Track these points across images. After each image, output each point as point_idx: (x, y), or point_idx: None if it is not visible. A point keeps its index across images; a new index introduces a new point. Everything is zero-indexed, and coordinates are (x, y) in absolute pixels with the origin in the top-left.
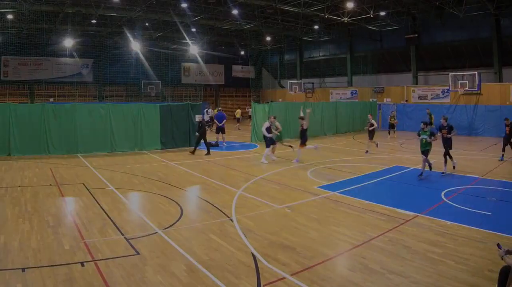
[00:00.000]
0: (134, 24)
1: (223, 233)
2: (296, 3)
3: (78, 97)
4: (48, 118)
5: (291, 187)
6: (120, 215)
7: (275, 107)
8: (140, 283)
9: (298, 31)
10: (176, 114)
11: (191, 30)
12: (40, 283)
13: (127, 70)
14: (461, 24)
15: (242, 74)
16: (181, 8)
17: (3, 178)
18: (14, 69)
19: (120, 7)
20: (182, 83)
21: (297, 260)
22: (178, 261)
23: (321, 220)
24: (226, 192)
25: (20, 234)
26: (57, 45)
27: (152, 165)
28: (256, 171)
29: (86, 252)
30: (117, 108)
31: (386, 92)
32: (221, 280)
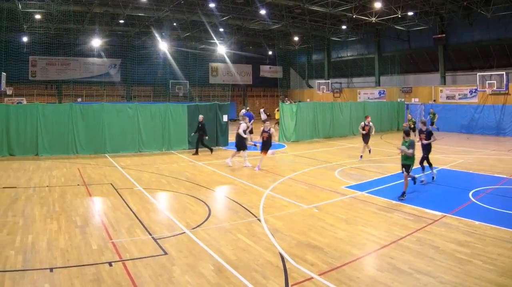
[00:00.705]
0: (162, 24)
1: (251, 233)
2: (324, 3)
3: (106, 97)
4: (76, 119)
5: (318, 187)
6: (148, 215)
7: (302, 108)
8: (168, 283)
9: (326, 31)
10: (204, 114)
11: (218, 30)
12: (68, 283)
13: (155, 70)
14: (489, 24)
15: (270, 74)
16: (209, 8)
17: (31, 178)
18: (42, 69)
19: (148, 7)
20: (210, 83)
21: (325, 260)
22: (206, 261)
23: (349, 220)
24: (253, 192)
25: (48, 234)
26: (85, 45)
27: (180, 165)
28: (283, 170)
29: (114, 252)
30: (145, 108)
31: (414, 92)
32: (249, 280)
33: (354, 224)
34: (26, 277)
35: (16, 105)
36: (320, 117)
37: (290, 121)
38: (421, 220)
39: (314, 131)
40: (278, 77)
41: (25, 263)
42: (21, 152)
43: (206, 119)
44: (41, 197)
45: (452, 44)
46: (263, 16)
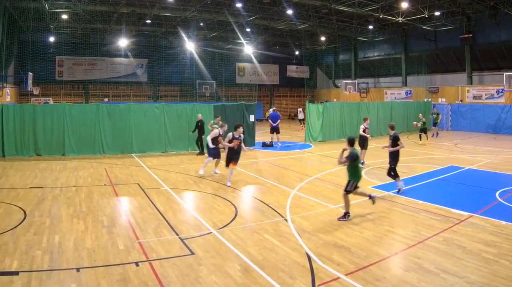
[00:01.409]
0: (189, 24)
1: (278, 233)
2: (351, 3)
3: (132, 97)
4: (103, 119)
5: None
6: (174, 215)
7: (329, 108)
8: (195, 283)
9: (352, 31)
10: (231, 114)
11: (245, 30)
12: (95, 283)
13: (182, 70)
14: None
15: (296, 74)
16: (236, 8)
17: (57, 178)
18: (68, 69)
19: (175, 7)
20: (237, 83)
21: (352, 260)
22: (232, 261)
23: (375, 220)
24: (280, 192)
25: (75, 234)
26: (111, 45)
27: (207, 165)
28: (310, 170)
29: (141, 252)
30: (172, 108)
31: (441, 92)
32: (276, 280)
33: (380, 224)
34: (53, 277)
35: (43, 105)
36: (347, 117)
37: (316, 121)
38: (447, 220)
39: (341, 131)
40: (304, 77)
41: (51, 263)
42: (48, 152)
43: (233, 119)
44: (67, 197)
45: (479, 44)
46: (290, 16)
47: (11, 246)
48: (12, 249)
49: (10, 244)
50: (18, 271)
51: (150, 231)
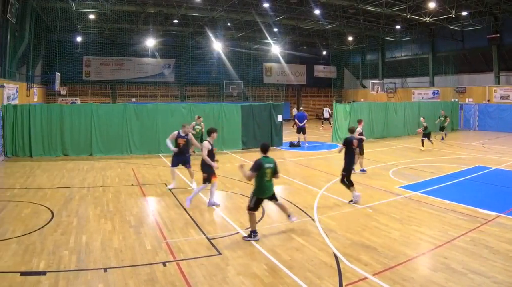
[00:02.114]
0: (216, 24)
1: (305, 233)
2: (378, 3)
3: (160, 97)
4: (130, 119)
5: (373, 187)
6: (202, 215)
7: (356, 108)
8: (222, 283)
9: (380, 31)
10: (258, 114)
11: (273, 30)
12: (122, 283)
13: (209, 70)
14: None
15: (324, 74)
16: (263, 8)
17: (85, 178)
18: (96, 69)
19: (202, 7)
20: (264, 83)
21: (379, 260)
22: (259, 261)
23: (402, 220)
24: (308, 192)
25: (102, 234)
26: (138, 45)
27: (233, 165)
28: (337, 170)
29: (168, 252)
30: (199, 108)
31: (468, 92)
32: (303, 280)
33: (408, 224)
34: (80, 277)
35: (70, 105)
36: (374, 117)
37: (343, 121)
38: (475, 220)
39: (368, 131)
40: (332, 77)
41: (79, 263)
42: (75, 152)
43: (260, 119)
44: (95, 197)
45: (506, 44)
46: (317, 16)
47: (39, 246)
48: (40, 249)
49: (38, 244)
50: (45, 271)
51: (177, 231)
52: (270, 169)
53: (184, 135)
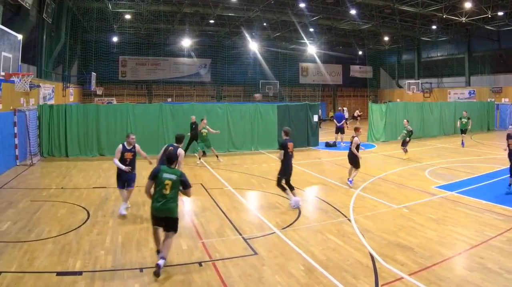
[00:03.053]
0: (252, 24)
1: (341, 233)
2: (414, 3)
3: (196, 97)
4: (166, 118)
5: (408, 187)
6: (238, 215)
7: (392, 108)
8: (258, 283)
9: (416, 31)
10: (294, 114)
11: (309, 30)
12: (158, 283)
13: (245, 70)
14: None
15: (359, 74)
16: (299, 8)
17: None
18: (132, 69)
19: (238, 7)
20: (300, 83)
21: (415, 260)
22: (295, 261)
23: (438, 220)
24: (343, 192)
25: (138, 234)
26: (174, 45)
27: (270, 165)
28: (373, 170)
29: (204, 252)
30: (235, 108)
31: (504, 92)
32: (339, 280)
33: (444, 224)
34: (116, 277)
35: (106, 105)
36: (410, 117)
37: (379, 122)
38: (511, 220)
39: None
40: (368, 77)
41: (115, 263)
42: (111, 152)
43: (297, 119)
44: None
45: None
46: (353, 16)
47: (75, 246)
48: (76, 249)
49: (74, 244)
50: (81, 271)
51: (213, 231)
52: (170, 180)
53: (131, 148)
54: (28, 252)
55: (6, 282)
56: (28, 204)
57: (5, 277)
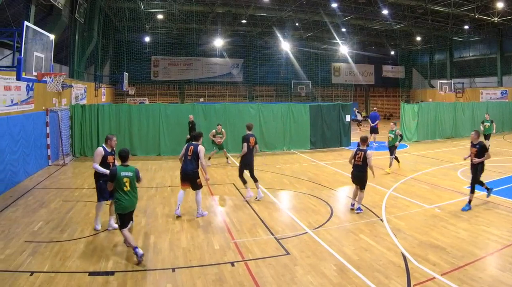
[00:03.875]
0: (284, 24)
1: (373, 233)
2: (446, 3)
3: (228, 97)
4: (198, 118)
5: (441, 187)
6: (270, 215)
7: (424, 108)
8: (291, 283)
9: (448, 31)
10: (327, 114)
11: (341, 30)
12: (190, 283)
13: (277, 70)
14: None
15: (392, 74)
16: (331, 8)
17: (153, 177)
18: (164, 70)
19: (270, 7)
20: (332, 83)
21: (447, 260)
22: (328, 261)
23: (471, 219)
24: (376, 192)
25: (170, 234)
26: (207, 45)
27: (302, 165)
28: (405, 170)
29: (236, 252)
30: (267, 108)
31: None
32: (371, 280)
33: (476, 224)
34: (148, 277)
35: (138, 105)
36: (442, 117)
37: (411, 122)
38: None
39: (436, 131)
40: (400, 77)
41: (147, 263)
42: (144, 152)
43: (329, 119)
44: (163, 197)
45: None
46: (385, 16)
47: (107, 246)
48: (108, 249)
49: (106, 244)
50: (113, 271)
51: (245, 231)
52: (128, 178)
53: (112, 151)
54: (60, 252)
55: (39, 282)
56: (60, 204)
57: (38, 277)
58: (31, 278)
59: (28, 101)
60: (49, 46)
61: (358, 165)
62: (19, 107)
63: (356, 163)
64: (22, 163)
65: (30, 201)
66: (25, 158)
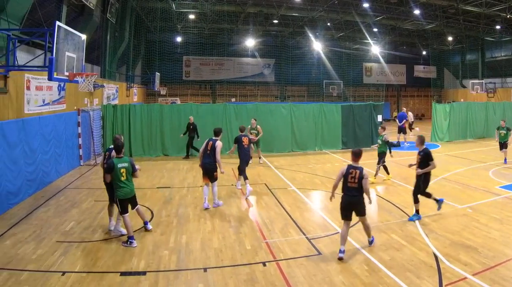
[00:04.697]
0: (316, 24)
1: (405, 233)
2: (478, 3)
3: (259, 97)
4: (230, 118)
5: (472, 187)
6: (301, 215)
7: (455, 108)
8: (322, 283)
9: (479, 31)
10: (358, 114)
11: (372, 30)
12: (222, 283)
13: (309, 70)
14: None
15: (423, 74)
16: (363, 8)
17: (185, 177)
18: (195, 70)
19: (302, 7)
20: (364, 83)
21: (479, 260)
22: (360, 261)
23: (503, 220)
24: (407, 192)
25: (202, 234)
26: (238, 45)
27: (334, 165)
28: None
29: (268, 252)
30: (299, 108)
31: None
32: (403, 280)
33: (508, 224)
34: (180, 277)
35: (170, 105)
36: (473, 117)
37: (443, 122)
38: None
39: (467, 131)
40: (431, 77)
41: (179, 263)
42: (175, 152)
43: (361, 119)
44: (194, 197)
45: None
46: (417, 16)
47: (138, 246)
48: (139, 249)
49: (137, 244)
50: (145, 271)
51: (277, 231)
52: (124, 168)
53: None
54: (91, 252)
55: (70, 282)
56: (92, 204)
57: (69, 277)
58: (63, 278)
59: (59, 101)
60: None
61: (352, 188)
62: (51, 107)
63: (350, 184)
64: (54, 163)
65: (61, 201)
66: (57, 158)
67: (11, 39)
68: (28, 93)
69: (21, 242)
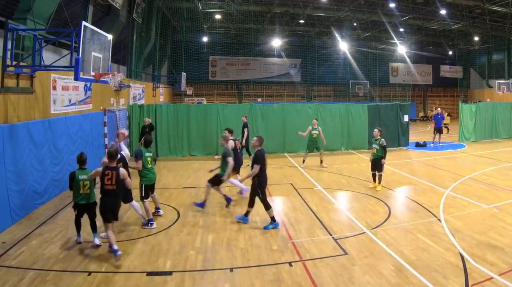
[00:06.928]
0: (342, 24)
1: (431, 233)
2: (504, 3)
3: (285, 97)
4: (256, 118)
5: (499, 187)
6: (328, 215)
7: (482, 108)
8: (348, 283)
9: (506, 31)
10: (385, 114)
11: (398, 30)
12: (248, 283)
13: (335, 70)
14: None
15: (450, 74)
16: (389, 8)
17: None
18: (222, 69)
19: (328, 7)
20: (390, 83)
21: (505, 260)
22: (386, 261)
23: None
24: (434, 192)
25: (228, 234)
26: (264, 45)
27: (360, 165)
28: (463, 170)
29: (294, 252)
30: (325, 108)
31: None
32: (429, 280)
33: None
34: (206, 277)
35: (196, 105)
36: (500, 117)
37: (469, 122)
38: None
39: (494, 131)
40: (458, 77)
41: (205, 263)
42: (202, 152)
43: (387, 119)
44: (221, 196)
45: None
46: (443, 16)
47: (165, 246)
48: (166, 249)
49: (164, 244)
50: (171, 271)
51: (303, 231)
52: (150, 157)
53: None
54: None
55: (97, 281)
56: None
57: (95, 276)
58: (89, 278)
59: (85, 101)
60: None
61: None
62: (77, 107)
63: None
64: None
65: None
66: None
67: (38, 39)
68: (54, 93)
69: (47, 242)
